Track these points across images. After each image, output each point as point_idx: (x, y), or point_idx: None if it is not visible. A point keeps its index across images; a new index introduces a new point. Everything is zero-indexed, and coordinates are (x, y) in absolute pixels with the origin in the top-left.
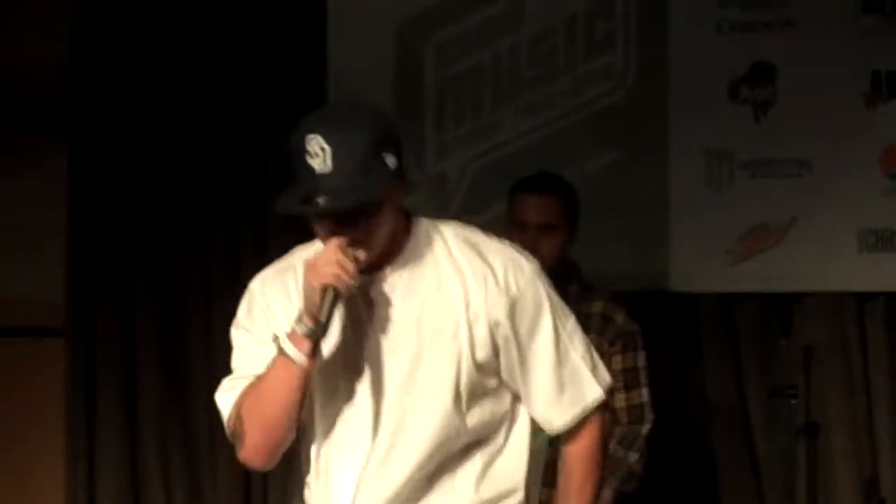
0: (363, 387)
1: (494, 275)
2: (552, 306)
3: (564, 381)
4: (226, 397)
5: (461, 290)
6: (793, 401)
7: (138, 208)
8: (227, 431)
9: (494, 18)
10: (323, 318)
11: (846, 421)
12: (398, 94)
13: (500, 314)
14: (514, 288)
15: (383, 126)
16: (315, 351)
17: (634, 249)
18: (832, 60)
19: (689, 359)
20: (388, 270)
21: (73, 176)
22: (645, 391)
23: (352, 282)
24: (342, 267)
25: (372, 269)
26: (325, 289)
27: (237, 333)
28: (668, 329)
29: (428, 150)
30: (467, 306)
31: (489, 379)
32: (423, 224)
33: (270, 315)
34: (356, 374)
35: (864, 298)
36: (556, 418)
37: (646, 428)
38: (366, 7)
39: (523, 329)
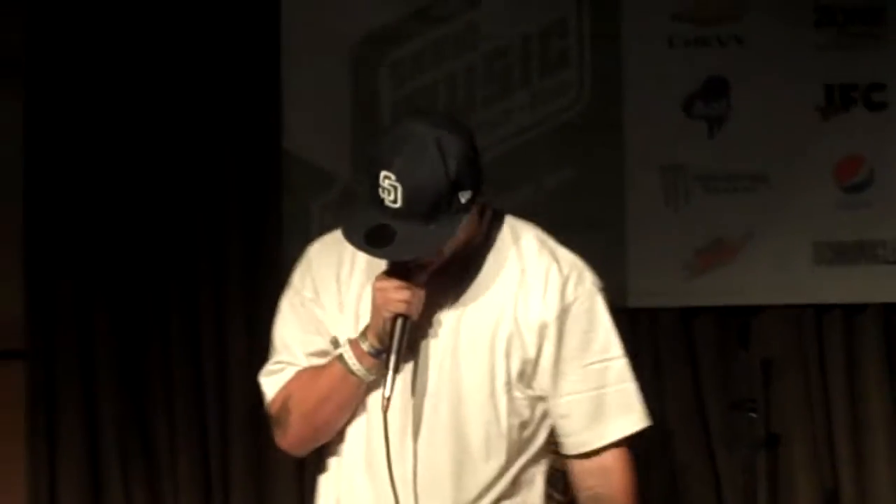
0: (404, 379)
1: (555, 277)
2: (608, 329)
3: (608, 406)
4: (270, 382)
5: (515, 289)
6: (752, 414)
7: (96, 227)
8: (269, 412)
9: (449, 37)
10: (395, 348)
11: (806, 433)
12: (354, 112)
13: (551, 317)
14: (570, 295)
15: (461, 159)
16: (377, 369)
17: (592, 265)
18: (785, 74)
19: (649, 373)
20: (454, 266)
21: (28, 194)
22: None
23: (419, 309)
24: (414, 294)
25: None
26: (395, 318)
27: (286, 301)
28: (627, 344)
29: None
30: (517, 306)
31: (525, 386)
32: (502, 222)
33: (317, 281)
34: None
35: (821, 311)
36: (593, 437)
37: None
38: (320, 27)
39: (573, 340)
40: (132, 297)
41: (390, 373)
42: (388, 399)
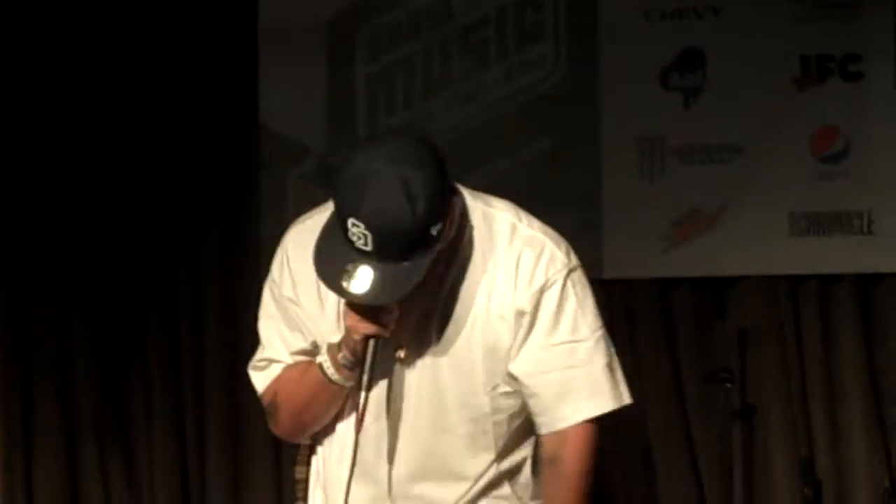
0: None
1: (527, 263)
2: (576, 309)
3: (574, 387)
4: (258, 377)
5: (489, 287)
6: (728, 384)
7: (70, 208)
8: (263, 403)
9: (424, 10)
10: (367, 369)
11: (782, 403)
12: (330, 86)
13: (525, 304)
14: (541, 278)
15: (429, 197)
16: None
17: (568, 237)
18: (761, 45)
19: (625, 345)
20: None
21: (1, 179)
22: None
23: (392, 326)
24: (384, 314)
25: None
26: (366, 339)
27: (267, 290)
28: (603, 317)
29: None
30: (490, 301)
31: (511, 378)
32: (475, 210)
33: (295, 278)
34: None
35: (796, 281)
36: (557, 419)
37: None
38: (296, 0)
39: (543, 321)
40: (108, 277)
41: (363, 393)
42: (361, 421)
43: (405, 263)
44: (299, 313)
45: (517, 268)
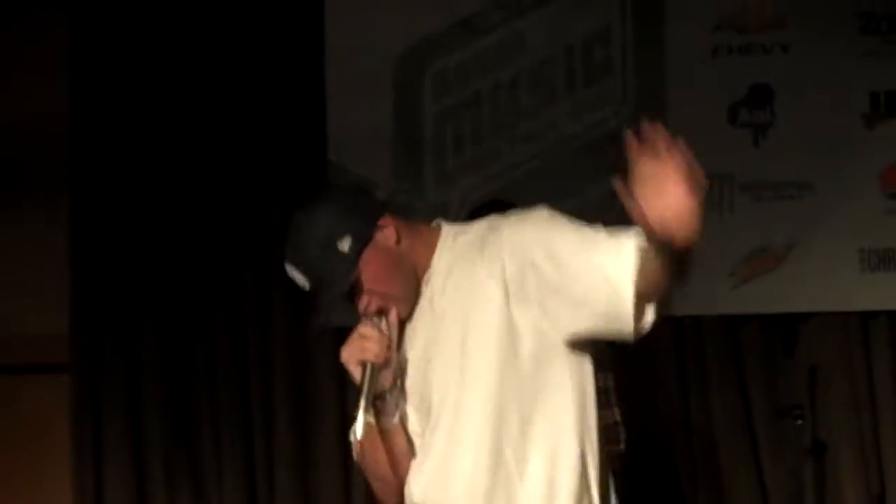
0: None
1: (484, 226)
2: (553, 224)
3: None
4: (352, 439)
5: (470, 270)
6: (799, 421)
7: (142, 239)
8: None
9: (492, 48)
10: (364, 392)
11: (853, 439)
12: (397, 124)
13: (507, 262)
14: (506, 232)
15: (328, 215)
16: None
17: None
18: (830, 81)
19: (695, 382)
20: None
21: (75, 217)
22: (616, 411)
23: (384, 351)
24: (372, 341)
25: None
26: (363, 365)
27: None
28: (674, 353)
29: (428, 179)
30: (479, 282)
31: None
32: (453, 231)
33: None
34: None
35: (866, 317)
36: (620, 296)
37: (621, 447)
38: (365, 37)
39: (537, 256)
40: (177, 306)
41: (360, 413)
42: (360, 441)
43: (332, 286)
44: None
45: (483, 239)
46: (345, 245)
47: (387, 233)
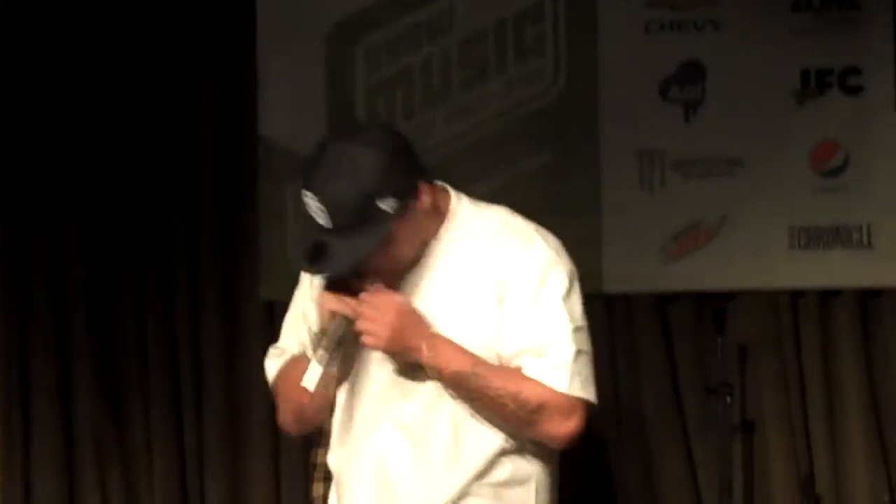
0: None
1: (509, 252)
2: (566, 296)
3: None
4: (269, 365)
5: (479, 267)
6: (728, 399)
7: (70, 217)
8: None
9: (424, 22)
10: (329, 341)
11: (782, 418)
12: (329, 98)
13: (505, 290)
14: (524, 265)
15: (376, 170)
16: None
17: (567, 251)
18: (761, 58)
19: (624, 359)
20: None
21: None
22: None
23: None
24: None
25: None
26: (334, 315)
27: (296, 289)
28: (603, 330)
29: None
30: (482, 281)
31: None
32: (464, 206)
33: (302, 274)
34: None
35: (796, 295)
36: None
37: None
38: (296, 13)
39: (525, 300)
40: (106, 285)
41: (313, 362)
42: (311, 393)
43: (357, 238)
44: (304, 306)
45: (501, 253)
46: (386, 205)
47: (424, 199)
